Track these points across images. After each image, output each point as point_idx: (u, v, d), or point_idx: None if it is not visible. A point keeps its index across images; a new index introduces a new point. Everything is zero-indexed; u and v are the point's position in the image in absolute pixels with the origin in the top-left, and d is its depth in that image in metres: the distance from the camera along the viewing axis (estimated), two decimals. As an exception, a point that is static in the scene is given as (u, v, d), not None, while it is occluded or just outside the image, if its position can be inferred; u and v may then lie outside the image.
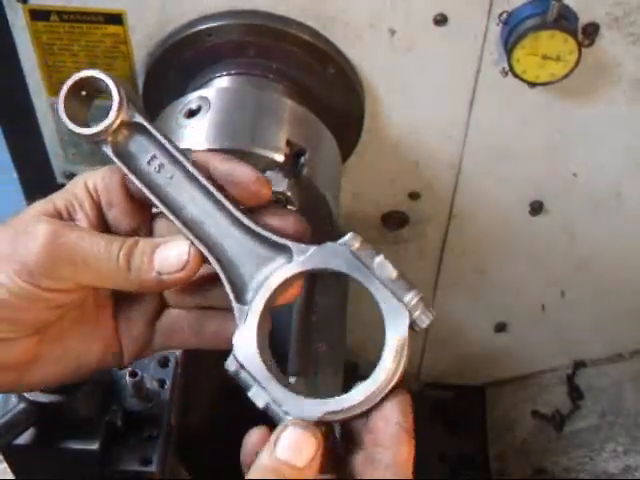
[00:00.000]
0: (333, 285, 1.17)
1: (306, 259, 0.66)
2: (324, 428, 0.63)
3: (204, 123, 1.00)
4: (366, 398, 0.63)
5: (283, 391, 0.64)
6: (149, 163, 0.68)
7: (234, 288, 0.66)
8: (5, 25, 1.09)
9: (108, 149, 0.68)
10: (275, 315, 0.69)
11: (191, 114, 1.01)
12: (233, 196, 0.67)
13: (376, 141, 1.18)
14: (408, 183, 1.24)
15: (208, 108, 1.01)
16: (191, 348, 0.74)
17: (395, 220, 1.29)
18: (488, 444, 1.57)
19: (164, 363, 0.97)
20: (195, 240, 0.67)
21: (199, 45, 1.08)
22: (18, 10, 1.08)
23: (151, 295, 0.73)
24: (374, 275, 0.65)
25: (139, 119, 0.68)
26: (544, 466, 1.51)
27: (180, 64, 1.10)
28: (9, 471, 0.94)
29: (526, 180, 1.24)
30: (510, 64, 1.04)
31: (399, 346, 0.63)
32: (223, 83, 1.08)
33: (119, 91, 0.67)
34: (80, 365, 0.72)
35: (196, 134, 0.98)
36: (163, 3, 1.06)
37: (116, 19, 1.08)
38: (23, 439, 0.88)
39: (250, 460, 0.64)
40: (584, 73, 1.06)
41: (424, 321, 0.64)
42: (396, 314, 0.64)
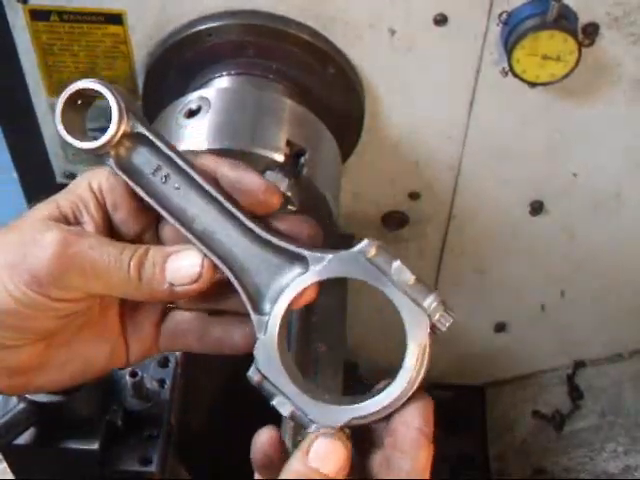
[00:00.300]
0: (333, 285, 1.17)
1: (322, 268, 0.65)
2: (348, 431, 0.63)
3: (204, 123, 1.00)
4: (389, 403, 0.63)
5: (307, 399, 0.64)
6: (154, 174, 0.66)
7: (250, 298, 0.66)
8: (5, 25, 1.09)
9: (111, 162, 0.66)
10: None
11: (191, 114, 1.01)
12: (241, 204, 0.66)
13: (376, 141, 1.18)
14: (408, 183, 1.24)
15: (208, 108, 1.01)
16: (194, 352, 0.74)
17: (395, 220, 1.29)
18: (488, 444, 1.57)
19: (164, 363, 0.97)
20: (207, 251, 0.65)
21: (199, 45, 1.08)
22: (18, 10, 1.08)
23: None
24: (392, 281, 0.64)
25: (141, 129, 0.66)
26: (544, 466, 1.51)
27: (180, 64, 1.10)
28: (9, 471, 0.94)
29: (526, 180, 1.24)
30: (510, 64, 1.04)
31: (420, 351, 0.64)
32: (223, 83, 1.08)
33: (118, 102, 0.65)
34: (87, 368, 0.72)
35: (196, 134, 0.98)
36: (163, 3, 1.06)
37: (116, 19, 1.08)
38: (23, 439, 0.88)
39: (260, 458, 0.65)
40: (584, 73, 1.06)
41: (444, 324, 0.64)
42: (416, 319, 0.64)
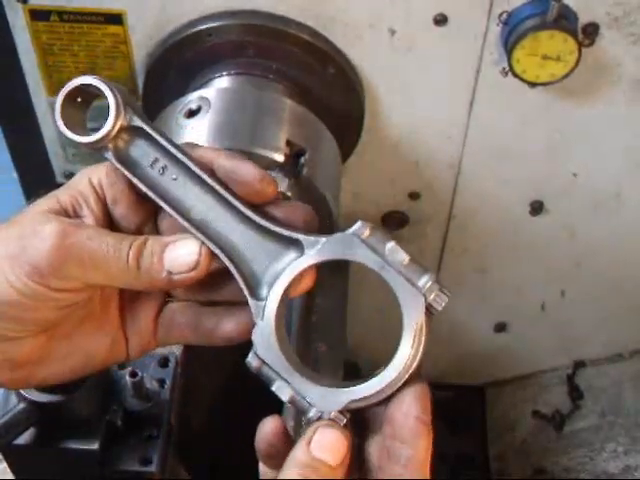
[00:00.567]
0: (333, 285, 1.17)
1: (317, 251, 0.65)
2: (348, 417, 0.63)
3: (204, 123, 1.00)
4: (387, 385, 0.63)
5: (306, 383, 0.64)
6: (152, 166, 0.67)
7: (248, 284, 0.66)
8: (5, 25, 1.10)
9: (110, 155, 0.67)
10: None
11: (191, 114, 1.01)
12: (238, 193, 0.67)
13: (376, 141, 1.18)
14: (408, 183, 1.24)
15: (208, 108, 1.01)
16: (189, 344, 0.74)
17: (395, 220, 1.29)
18: (488, 444, 1.57)
19: (164, 363, 0.97)
20: (205, 239, 0.66)
21: (199, 45, 1.08)
22: (18, 10, 1.08)
23: (157, 291, 0.73)
24: (386, 262, 0.64)
25: (138, 122, 0.67)
26: (544, 466, 1.51)
27: (180, 64, 1.10)
28: (9, 471, 0.94)
29: (526, 180, 1.24)
30: (510, 64, 1.04)
31: (417, 331, 0.63)
32: (223, 83, 1.08)
33: (115, 97, 0.66)
34: (88, 361, 0.73)
35: (196, 134, 0.98)
36: (163, 3, 1.06)
37: (116, 19, 1.08)
38: (23, 439, 0.88)
39: (264, 448, 0.65)
40: (584, 73, 1.06)
41: (440, 303, 0.64)
42: (411, 299, 0.64)
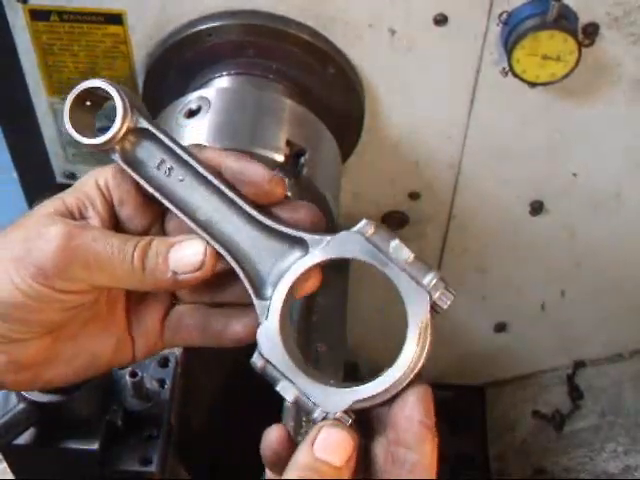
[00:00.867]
0: (333, 285, 1.17)
1: (322, 250, 0.65)
2: (353, 417, 0.63)
3: (204, 123, 1.00)
4: (392, 385, 0.63)
5: (311, 383, 0.64)
6: (158, 167, 0.68)
7: (253, 284, 0.66)
8: (5, 25, 1.10)
9: (117, 157, 0.67)
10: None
11: (191, 114, 1.01)
12: (245, 194, 0.67)
13: (376, 141, 1.18)
14: (408, 183, 1.24)
15: (208, 108, 1.01)
16: (197, 346, 0.74)
17: (395, 220, 1.29)
18: (488, 444, 1.57)
19: (164, 363, 0.97)
20: (210, 240, 0.66)
21: (199, 45, 1.08)
22: (18, 10, 1.08)
23: (162, 293, 0.73)
24: (390, 260, 0.64)
25: (145, 124, 0.67)
26: (544, 466, 1.51)
27: (180, 64, 1.10)
28: (9, 471, 0.94)
29: (526, 180, 1.24)
30: (510, 64, 1.04)
31: (421, 329, 0.63)
32: (223, 83, 1.08)
33: (123, 99, 0.66)
34: (93, 362, 0.72)
35: (196, 134, 0.98)
36: (163, 3, 1.06)
37: (116, 19, 1.08)
38: (23, 439, 0.88)
39: (269, 455, 0.65)
40: (584, 73, 1.06)
41: (445, 302, 0.63)
42: (416, 297, 0.63)
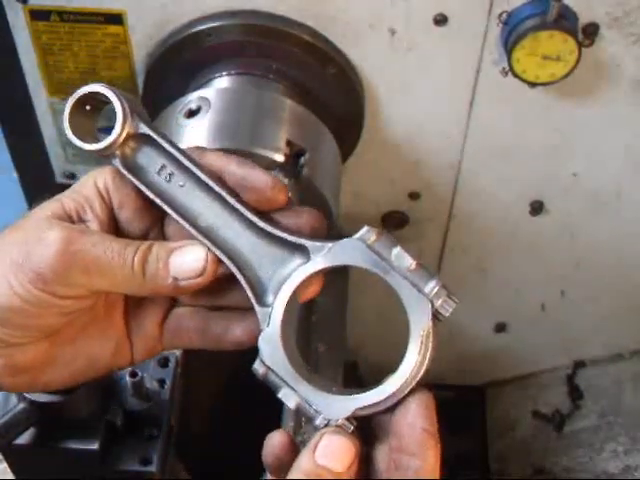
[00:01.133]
0: (333, 285, 1.17)
1: (323, 257, 0.65)
2: (355, 424, 0.63)
3: (204, 123, 1.00)
4: (394, 393, 0.63)
5: (312, 390, 0.64)
6: (159, 173, 0.67)
7: (254, 291, 0.66)
8: (5, 25, 1.10)
9: (117, 162, 0.67)
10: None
11: (191, 114, 1.01)
12: (247, 200, 0.67)
13: (376, 141, 1.18)
14: (408, 183, 1.24)
15: (208, 108, 1.01)
16: (196, 348, 0.74)
17: (395, 220, 1.29)
18: (488, 444, 1.57)
19: (164, 363, 0.97)
20: (211, 246, 0.66)
21: (199, 45, 1.08)
22: (18, 10, 1.08)
23: (161, 297, 0.72)
24: (392, 267, 0.64)
25: (145, 130, 0.67)
26: (544, 466, 1.51)
27: (180, 64, 1.10)
28: (9, 471, 0.94)
29: (526, 180, 1.24)
30: (510, 64, 1.04)
31: (423, 337, 0.63)
32: (223, 83, 1.08)
33: (122, 105, 0.66)
34: (92, 365, 0.72)
35: (196, 134, 0.98)
36: (163, 3, 1.06)
37: (116, 19, 1.08)
38: (23, 439, 0.88)
39: (272, 461, 0.65)
40: (584, 73, 1.06)
41: (447, 310, 0.64)
42: (418, 305, 0.63)
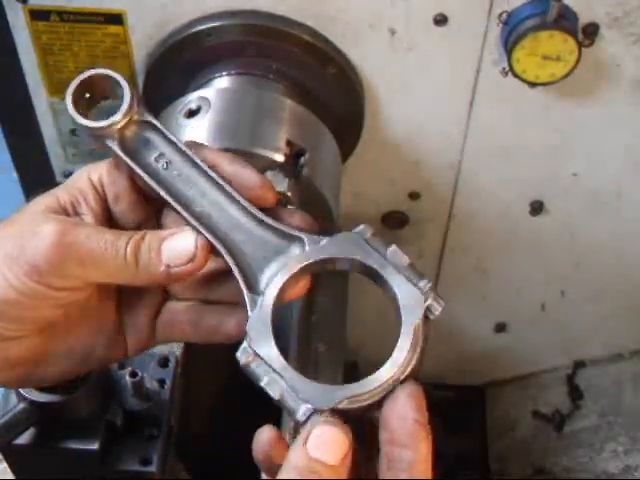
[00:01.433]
0: (333, 285, 1.17)
1: (320, 248, 0.65)
2: (341, 418, 0.61)
3: (204, 123, 1.00)
4: (381, 384, 0.62)
5: (300, 378, 0.62)
6: (156, 160, 0.68)
7: (246, 279, 0.66)
8: (5, 25, 1.09)
9: (114, 144, 0.67)
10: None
11: (191, 114, 1.01)
12: None
13: (376, 141, 1.18)
14: (408, 183, 1.24)
15: (208, 108, 1.01)
16: (190, 342, 0.74)
17: (395, 220, 1.29)
18: (488, 444, 1.57)
19: (164, 363, 0.97)
20: (205, 232, 0.66)
21: (199, 45, 1.08)
22: (18, 10, 1.08)
23: (154, 290, 0.73)
24: (388, 262, 0.64)
25: (149, 118, 0.68)
26: (544, 466, 1.51)
27: (180, 64, 1.10)
28: (9, 471, 0.94)
29: (526, 180, 1.24)
30: (510, 64, 1.04)
31: (415, 330, 0.63)
32: (223, 83, 1.08)
33: (131, 89, 0.67)
34: (86, 360, 0.73)
35: (196, 134, 0.98)
36: (163, 3, 1.06)
37: (116, 19, 1.08)
38: (23, 439, 0.88)
39: (263, 457, 0.64)
40: (584, 73, 1.06)
41: (437, 308, 0.64)
42: (411, 299, 0.63)
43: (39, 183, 1.25)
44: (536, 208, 1.26)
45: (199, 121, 1.00)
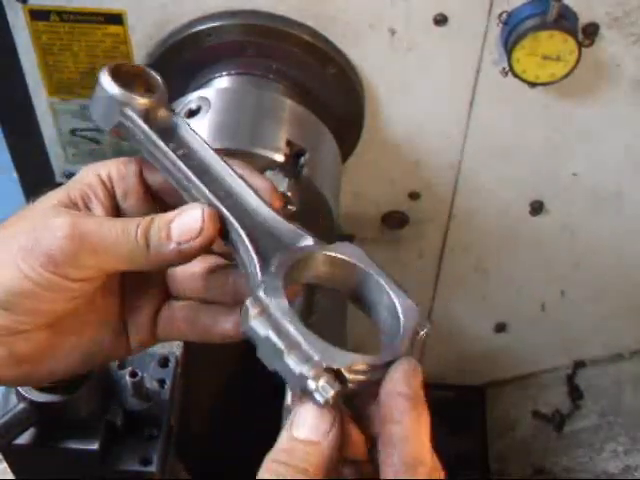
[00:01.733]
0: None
1: (329, 247, 0.66)
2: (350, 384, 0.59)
3: (204, 123, 1.00)
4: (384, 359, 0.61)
5: (312, 334, 0.59)
6: (174, 150, 0.69)
7: (257, 251, 0.65)
8: (5, 25, 1.10)
9: (133, 113, 0.68)
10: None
11: (191, 114, 1.01)
12: None
13: (376, 141, 1.18)
14: (408, 183, 1.24)
15: (208, 108, 1.01)
16: (187, 340, 0.75)
17: (395, 220, 1.29)
18: (488, 444, 1.57)
19: (164, 363, 0.97)
20: (216, 202, 0.66)
21: (199, 45, 1.08)
22: (18, 10, 1.08)
23: (156, 288, 0.74)
24: (386, 274, 0.65)
25: (174, 110, 0.71)
26: (544, 466, 1.51)
27: (180, 64, 1.10)
28: (9, 471, 0.94)
29: (526, 180, 1.24)
30: (510, 64, 1.04)
31: (413, 332, 0.62)
32: (223, 83, 1.08)
33: (164, 83, 0.71)
34: (89, 357, 0.73)
35: (196, 134, 0.98)
36: (163, 3, 1.06)
37: (116, 19, 1.08)
38: (23, 439, 0.88)
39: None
40: (584, 73, 1.06)
41: (426, 325, 0.64)
42: (407, 310, 0.63)
43: (39, 183, 1.25)
44: (536, 208, 1.26)
45: (199, 121, 1.00)
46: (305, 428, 0.59)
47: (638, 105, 1.13)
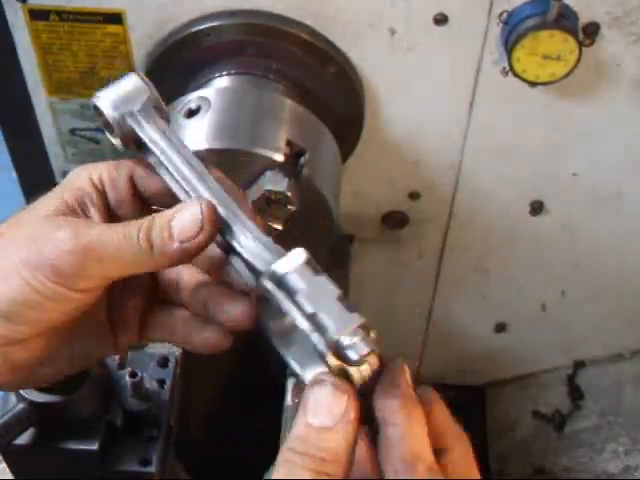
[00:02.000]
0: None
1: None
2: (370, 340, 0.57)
3: (204, 123, 1.00)
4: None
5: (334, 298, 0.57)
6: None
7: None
8: (4, 25, 1.09)
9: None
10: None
11: (191, 114, 1.01)
12: None
13: (376, 141, 1.18)
14: (408, 183, 1.24)
15: (208, 108, 1.01)
16: (171, 344, 0.76)
17: (395, 220, 1.28)
18: (488, 444, 1.57)
19: (164, 363, 0.97)
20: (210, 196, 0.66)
21: (199, 45, 1.08)
22: (17, 10, 1.08)
23: (143, 285, 0.74)
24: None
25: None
26: (544, 466, 1.51)
27: (180, 64, 1.10)
28: (8, 471, 0.94)
29: (526, 180, 1.24)
30: (510, 64, 1.04)
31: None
32: (223, 83, 1.08)
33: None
34: (81, 359, 0.74)
35: (196, 134, 0.98)
36: (162, 3, 1.06)
37: (116, 19, 1.08)
38: (23, 439, 0.88)
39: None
40: (584, 73, 1.06)
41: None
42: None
43: (38, 183, 1.25)
44: (536, 208, 1.26)
45: (199, 121, 1.00)
46: (319, 413, 0.58)
47: (638, 105, 1.13)
